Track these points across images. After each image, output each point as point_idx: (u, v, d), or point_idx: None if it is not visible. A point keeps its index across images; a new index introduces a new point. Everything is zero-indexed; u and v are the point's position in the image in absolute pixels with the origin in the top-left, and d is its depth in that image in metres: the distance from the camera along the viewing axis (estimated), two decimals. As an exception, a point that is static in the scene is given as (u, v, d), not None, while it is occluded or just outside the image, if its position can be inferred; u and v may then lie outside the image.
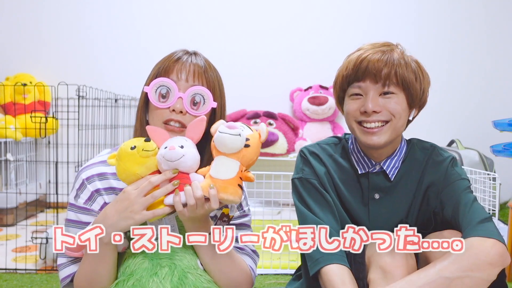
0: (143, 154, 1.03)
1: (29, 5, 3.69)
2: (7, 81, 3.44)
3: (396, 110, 1.20)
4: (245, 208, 1.24)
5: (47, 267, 2.22)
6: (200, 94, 1.12)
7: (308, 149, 1.33)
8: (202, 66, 1.16)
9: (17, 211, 2.98)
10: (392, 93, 1.20)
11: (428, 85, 1.26)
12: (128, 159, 1.03)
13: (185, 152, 1.03)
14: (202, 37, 3.74)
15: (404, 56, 1.22)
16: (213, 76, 1.17)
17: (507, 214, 2.64)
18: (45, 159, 3.38)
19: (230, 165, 1.03)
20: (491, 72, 3.81)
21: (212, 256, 1.08)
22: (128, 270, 1.06)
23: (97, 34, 3.72)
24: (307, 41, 3.79)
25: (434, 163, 1.27)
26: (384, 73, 1.18)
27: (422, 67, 1.25)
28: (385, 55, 1.19)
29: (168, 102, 1.10)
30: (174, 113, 1.10)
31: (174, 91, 1.10)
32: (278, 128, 3.41)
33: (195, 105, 1.12)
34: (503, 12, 3.81)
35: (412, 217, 1.26)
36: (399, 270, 1.06)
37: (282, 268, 2.21)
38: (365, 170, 1.27)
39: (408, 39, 3.72)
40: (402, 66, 1.19)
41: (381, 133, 1.20)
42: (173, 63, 1.14)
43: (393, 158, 1.27)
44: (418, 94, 1.22)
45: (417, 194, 1.27)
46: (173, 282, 1.04)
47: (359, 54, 1.22)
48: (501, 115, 2.61)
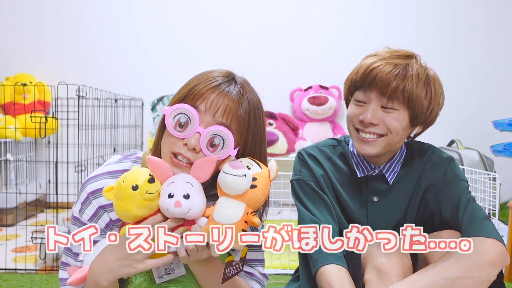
0: (147, 197, 0.93)
1: (29, 5, 3.69)
2: (7, 81, 3.43)
3: (394, 127, 1.17)
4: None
5: (47, 267, 2.22)
6: (220, 136, 0.97)
7: (306, 151, 1.32)
8: (241, 101, 1.00)
9: (17, 211, 2.97)
10: (394, 108, 1.16)
11: (439, 106, 1.22)
12: (129, 201, 0.93)
13: (192, 205, 0.94)
14: (202, 37, 3.75)
15: (420, 72, 1.16)
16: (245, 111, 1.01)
17: (507, 214, 2.64)
18: (45, 159, 3.38)
19: (234, 208, 0.95)
20: (491, 72, 3.81)
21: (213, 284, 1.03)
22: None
23: (97, 34, 3.72)
24: (307, 41, 3.79)
25: (433, 164, 1.27)
26: (391, 88, 1.14)
27: (437, 87, 1.20)
28: (397, 69, 1.14)
29: (184, 133, 0.97)
30: (186, 147, 0.97)
31: (194, 123, 0.97)
32: (278, 128, 3.41)
33: (212, 146, 0.98)
34: (503, 12, 3.81)
35: (410, 219, 1.27)
36: (395, 270, 1.06)
37: (282, 268, 2.21)
38: (364, 174, 1.27)
39: (408, 39, 3.72)
40: (413, 83, 1.14)
41: (375, 145, 1.19)
42: (208, 90, 0.99)
43: (392, 163, 1.27)
44: (424, 113, 1.18)
45: (415, 195, 1.27)
46: None
47: (372, 61, 1.18)
48: (501, 115, 2.60)
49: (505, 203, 3.32)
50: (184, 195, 0.93)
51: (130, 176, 0.95)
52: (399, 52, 1.20)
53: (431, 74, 1.20)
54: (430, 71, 1.20)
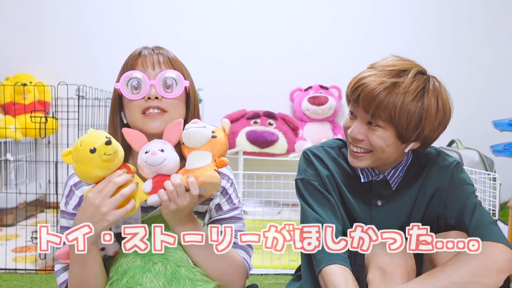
0: (105, 158, 0.98)
1: (29, 5, 3.69)
2: (7, 81, 3.43)
3: (377, 144, 1.15)
4: (235, 200, 1.24)
5: (47, 267, 2.22)
6: (170, 77, 1.13)
7: (311, 151, 1.32)
8: (165, 54, 1.18)
9: (17, 211, 2.97)
10: (379, 126, 1.14)
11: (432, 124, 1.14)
12: (89, 163, 0.98)
13: (166, 156, 1.04)
14: (202, 37, 3.75)
15: (409, 90, 1.10)
16: (177, 60, 1.19)
17: (507, 214, 2.64)
18: (45, 159, 3.38)
19: (202, 155, 1.05)
20: (491, 72, 3.81)
21: (203, 254, 1.09)
22: (121, 269, 1.06)
23: (97, 34, 3.72)
24: (307, 41, 3.79)
25: (439, 168, 1.26)
26: (373, 106, 1.11)
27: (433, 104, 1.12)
28: (381, 87, 1.11)
29: (141, 92, 1.12)
30: (150, 100, 1.11)
31: (145, 81, 1.12)
32: (278, 128, 3.41)
33: (168, 88, 1.13)
34: (503, 12, 3.81)
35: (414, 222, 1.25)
36: (399, 270, 1.06)
37: (282, 268, 2.21)
38: (368, 179, 1.27)
39: (408, 39, 3.72)
40: (396, 105, 1.09)
41: (363, 160, 1.19)
42: (136, 57, 1.16)
43: (397, 169, 1.26)
44: (412, 132, 1.13)
45: (419, 199, 1.26)
46: (166, 276, 1.05)
47: (361, 77, 1.16)
48: (501, 115, 2.60)
49: (505, 203, 3.32)
50: (159, 150, 1.04)
51: (87, 139, 0.99)
52: (394, 67, 1.15)
53: (430, 89, 1.14)
54: (430, 86, 1.14)
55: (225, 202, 1.21)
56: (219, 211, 1.21)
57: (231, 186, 1.23)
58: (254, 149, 3.32)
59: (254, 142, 3.30)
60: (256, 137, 3.29)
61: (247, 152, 3.34)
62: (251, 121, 3.43)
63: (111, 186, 0.99)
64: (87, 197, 1.01)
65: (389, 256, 1.06)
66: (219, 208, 1.21)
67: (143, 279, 1.04)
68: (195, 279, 1.07)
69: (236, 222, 1.22)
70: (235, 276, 1.16)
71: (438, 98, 1.15)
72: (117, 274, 1.07)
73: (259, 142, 3.30)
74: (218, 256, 1.10)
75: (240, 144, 3.31)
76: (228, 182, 1.23)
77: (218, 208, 1.21)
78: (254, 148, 3.32)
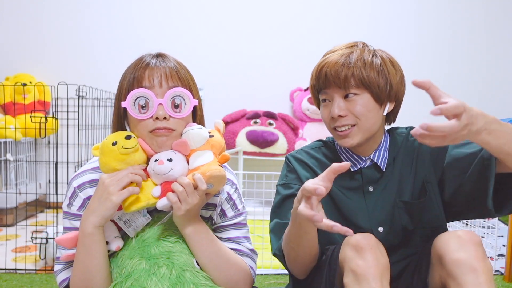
0: (123, 151, 1.05)
1: (29, 5, 3.69)
2: (7, 81, 3.44)
3: (361, 112, 1.21)
4: (239, 206, 1.23)
5: (47, 267, 2.22)
6: (179, 96, 1.09)
7: (293, 156, 1.36)
8: (173, 66, 1.12)
9: (17, 211, 2.97)
10: (355, 94, 1.21)
11: (397, 77, 1.24)
12: (109, 154, 1.06)
13: (173, 166, 1.05)
14: (202, 37, 3.75)
15: (364, 55, 1.22)
16: (185, 74, 1.14)
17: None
18: (45, 159, 3.38)
19: (203, 155, 1.08)
20: (491, 73, 3.82)
21: (209, 256, 1.09)
22: (125, 271, 1.06)
23: (97, 34, 3.72)
24: (307, 41, 3.79)
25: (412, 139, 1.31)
26: (342, 77, 1.19)
27: (387, 61, 1.24)
28: (342, 58, 1.21)
29: (149, 112, 1.07)
30: (158, 121, 1.07)
31: (152, 100, 1.07)
32: (278, 128, 3.41)
33: (177, 107, 1.09)
34: (503, 12, 3.81)
35: (405, 194, 1.28)
36: (371, 271, 1.07)
37: (282, 268, 2.21)
38: (357, 167, 1.30)
39: (408, 39, 3.73)
40: (360, 67, 1.19)
41: (352, 135, 1.23)
42: (143, 70, 1.11)
43: (380, 150, 1.30)
44: (384, 90, 1.22)
45: (405, 171, 1.29)
46: (171, 280, 1.05)
47: (320, 61, 1.25)
48: (501, 115, 2.61)
49: (505, 203, 3.32)
50: (168, 159, 1.06)
51: (112, 135, 1.10)
52: (344, 45, 1.27)
53: (379, 54, 1.25)
54: (377, 52, 1.25)
55: (229, 209, 1.20)
56: (223, 217, 1.20)
57: (236, 192, 1.23)
58: (254, 149, 3.32)
59: (254, 142, 3.30)
60: (256, 137, 3.29)
61: (247, 152, 3.34)
62: (251, 121, 3.44)
63: (124, 172, 1.04)
64: (101, 178, 1.05)
65: (361, 258, 1.07)
66: (223, 215, 1.20)
67: (148, 282, 1.04)
68: (199, 284, 1.07)
69: (241, 229, 1.22)
70: (241, 282, 1.16)
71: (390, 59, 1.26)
72: (121, 276, 1.06)
73: (259, 142, 3.30)
74: (225, 260, 1.12)
75: (240, 144, 3.32)
76: (232, 188, 1.22)
77: (223, 214, 1.20)
78: (254, 148, 3.32)
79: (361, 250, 1.07)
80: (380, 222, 1.28)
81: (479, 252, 1.09)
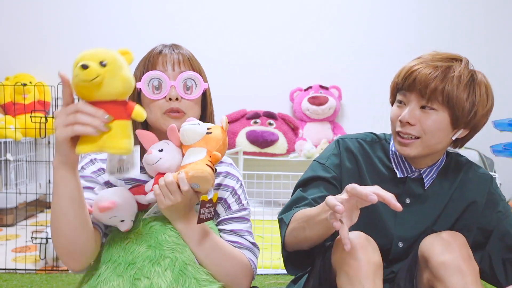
0: (80, 84, 0.97)
1: (29, 5, 3.69)
2: (7, 81, 3.44)
3: (429, 128, 1.16)
4: (244, 201, 1.25)
5: (47, 267, 2.22)
6: (191, 79, 1.16)
7: (345, 143, 1.31)
8: (185, 53, 1.20)
9: (17, 211, 2.97)
10: (433, 109, 1.16)
11: (485, 108, 1.21)
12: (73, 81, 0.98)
13: (162, 156, 1.07)
14: (202, 37, 3.75)
15: (462, 74, 1.16)
16: (197, 62, 1.22)
17: (507, 214, 2.64)
18: (45, 159, 3.38)
19: (196, 152, 1.07)
20: (491, 72, 3.78)
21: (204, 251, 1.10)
22: (130, 256, 1.06)
23: (97, 34, 3.72)
24: (307, 41, 3.79)
25: (476, 178, 1.28)
26: (429, 89, 1.14)
27: (483, 88, 1.20)
28: (437, 71, 1.15)
29: (162, 92, 1.14)
30: (171, 101, 1.13)
31: (165, 81, 1.14)
32: (278, 128, 3.41)
33: (188, 89, 1.16)
34: (503, 12, 3.81)
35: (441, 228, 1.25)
36: (363, 270, 1.06)
37: (282, 268, 2.21)
38: (404, 175, 1.26)
39: (408, 39, 3.72)
40: (453, 85, 1.14)
41: (412, 147, 1.18)
42: (157, 56, 1.18)
43: (432, 168, 1.26)
44: (466, 115, 1.16)
45: (450, 205, 1.26)
46: (174, 273, 1.05)
47: (413, 64, 1.19)
48: (501, 115, 2.60)
49: (505, 203, 3.32)
50: (159, 150, 1.08)
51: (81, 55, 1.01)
52: (443, 55, 1.21)
53: (478, 77, 1.20)
54: (477, 75, 1.21)
55: (234, 202, 1.22)
56: (228, 210, 1.22)
57: (240, 187, 1.25)
58: (254, 149, 3.32)
59: (254, 142, 3.30)
60: (256, 137, 3.30)
61: (247, 152, 3.34)
62: (251, 121, 3.44)
63: (72, 108, 0.94)
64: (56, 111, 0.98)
65: (353, 259, 1.07)
66: (228, 208, 1.22)
67: (151, 273, 1.04)
68: (200, 279, 1.08)
69: (244, 223, 1.23)
70: (240, 276, 1.17)
71: (487, 86, 1.23)
72: (124, 258, 1.06)
73: (259, 142, 3.30)
74: (222, 254, 1.12)
75: (240, 144, 3.32)
76: (237, 183, 1.25)
77: (227, 207, 1.22)
78: (254, 148, 3.32)
79: (352, 250, 1.06)
80: (403, 238, 1.26)
81: (464, 253, 1.09)
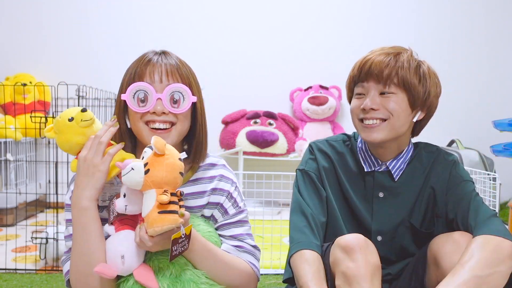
0: (83, 125, 1.07)
1: (29, 5, 3.69)
2: (7, 81, 3.44)
3: (394, 109, 1.22)
4: (240, 203, 1.24)
5: (47, 267, 2.22)
6: (178, 92, 1.12)
7: (317, 145, 1.38)
8: (174, 64, 1.15)
9: (17, 211, 2.97)
10: (392, 93, 1.22)
11: (435, 89, 1.27)
12: (68, 131, 1.08)
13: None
14: (202, 37, 3.75)
15: (411, 59, 1.24)
16: (186, 71, 1.16)
17: (507, 214, 2.64)
18: (45, 159, 3.38)
19: (147, 198, 1.00)
20: (491, 72, 3.81)
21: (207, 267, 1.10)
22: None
23: (97, 34, 3.72)
24: (307, 41, 3.79)
25: (439, 166, 1.30)
26: (385, 74, 1.21)
27: (431, 72, 1.27)
28: (389, 57, 1.23)
29: (147, 105, 1.11)
30: (155, 115, 1.10)
31: (151, 94, 1.10)
32: (278, 128, 3.41)
33: (175, 103, 1.12)
34: (503, 12, 3.81)
35: (416, 218, 1.29)
36: (361, 271, 1.07)
37: (282, 268, 2.21)
38: (371, 169, 1.31)
39: (408, 39, 3.72)
40: (405, 68, 1.21)
41: (379, 130, 1.23)
42: (145, 66, 1.13)
43: (398, 160, 1.30)
44: (421, 96, 1.24)
45: (421, 195, 1.29)
46: (171, 278, 1.06)
47: (366, 56, 1.26)
48: (501, 115, 2.61)
49: (505, 203, 3.32)
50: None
51: (65, 112, 1.10)
52: (390, 47, 1.29)
53: (425, 64, 1.27)
54: (423, 63, 1.27)
55: (231, 206, 1.21)
56: (225, 215, 1.21)
57: (235, 190, 1.24)
58: (254, 149, 3.32)
59: (254, 142, 3.30)
60: (256, 137, 3.29)
61: (247, 152, 3.34)
62: (251, 121, 3.44)
63: (96, 140, 1.06)
64: (79, 157, 1.06)
65: (351, 260, 1.08)
66: (225, 212, 1.21)
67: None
68: (199, 282, 1.08)
69: (243, 226, 1.23)
70: (245, 285, 1.18)
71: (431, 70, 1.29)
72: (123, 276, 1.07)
73: (259, 142, 3.30)
74: (223, 266, 1.12)
75: (240, 144, 3.32)
76: (232, 186, 1.23)
77: (225, 212, 1.21)
78: (254, 148, 3.32)
79: (351, 251, 1.08)
80: (381, 232, 1.29)
81: None
